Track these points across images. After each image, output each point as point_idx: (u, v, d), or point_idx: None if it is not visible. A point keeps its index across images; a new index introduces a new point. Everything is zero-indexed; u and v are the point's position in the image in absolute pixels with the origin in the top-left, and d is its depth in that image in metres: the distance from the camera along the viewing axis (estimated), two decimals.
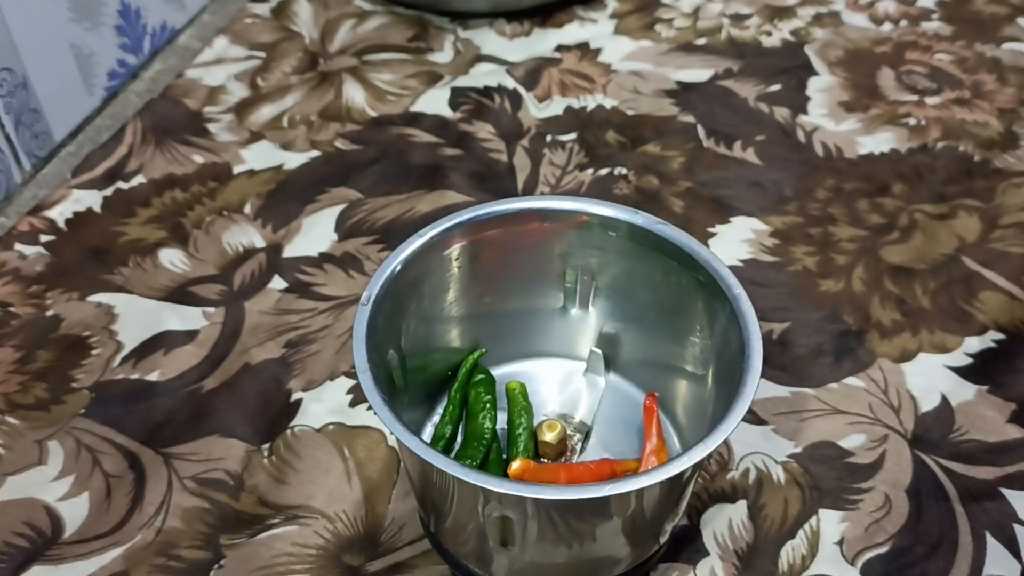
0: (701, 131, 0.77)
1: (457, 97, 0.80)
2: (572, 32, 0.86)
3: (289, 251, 0.68)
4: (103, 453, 0.57)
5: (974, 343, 0.63)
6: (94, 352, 0.62)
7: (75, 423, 0.59)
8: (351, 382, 0.61)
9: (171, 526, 0.54)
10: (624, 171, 0.73)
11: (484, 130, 0.77)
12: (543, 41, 0.85)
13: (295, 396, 0.60)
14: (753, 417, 0.59)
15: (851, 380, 0.61)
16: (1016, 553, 0.53)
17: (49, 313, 0.65)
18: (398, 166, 0.74)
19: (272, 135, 0.77)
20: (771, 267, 0.67)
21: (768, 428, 0.58)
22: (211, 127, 0.77)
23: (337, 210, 0.71)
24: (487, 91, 0.80)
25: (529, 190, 0.72)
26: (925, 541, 0.54)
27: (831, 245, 0.68)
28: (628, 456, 0.55)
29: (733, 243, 0.68)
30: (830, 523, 0.54)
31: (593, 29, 0.86)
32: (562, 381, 0.59)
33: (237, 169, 0.74)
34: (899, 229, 0.69)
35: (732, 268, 0.52)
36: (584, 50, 0.84)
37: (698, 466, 0.45)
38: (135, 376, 0.61)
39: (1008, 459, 0.57)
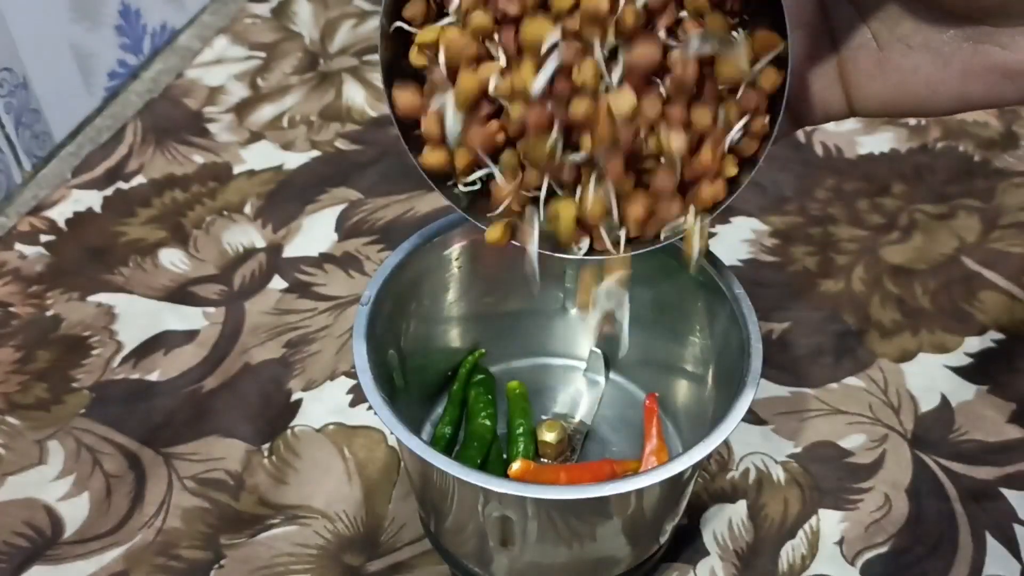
0: None
1: None
2: None
3: (289, 251, 0.68)
4: (103, 453, 0.57)
5: (974, 343, 0.63)
6: (94, 352, 0.62)
7: (75, 423, 0.59)
8: (351, 382, 0.61)
9: (171, 526, 0.54)
10: None
11: None
12: None
13: (295, 396, 0.60)
14: (753, 417, 0.59)
15: (851, 380, 0.61)
16: (1016, 553, 0.53)
17: (49, 313, 0.65)
18: (398, 166, 0.74)
19: (272, 135, 0.77)
20: (771, 267, 0.67)
21: (768, 428, 0.58)
22: (211, 127, 0.77)
23: (337, 210, 0.71)
24: None
25: None
26: (925, 541, 0.54)
27: (831, 245, 0.68)
28: (628, 456, 0.55)
29: (733, 243, 0.68)
30: (830, 523, 0.54)
31: None
32: (562, 381, 0.59)
33: (237, 169, 0.74)
34: (899, 229, 0.69)
35: (732, 268, 0.52)
36: None
37: (698, 466, 0.45)
38: (135, 376, 0.61)
39: (1008, 459, 0.57)
